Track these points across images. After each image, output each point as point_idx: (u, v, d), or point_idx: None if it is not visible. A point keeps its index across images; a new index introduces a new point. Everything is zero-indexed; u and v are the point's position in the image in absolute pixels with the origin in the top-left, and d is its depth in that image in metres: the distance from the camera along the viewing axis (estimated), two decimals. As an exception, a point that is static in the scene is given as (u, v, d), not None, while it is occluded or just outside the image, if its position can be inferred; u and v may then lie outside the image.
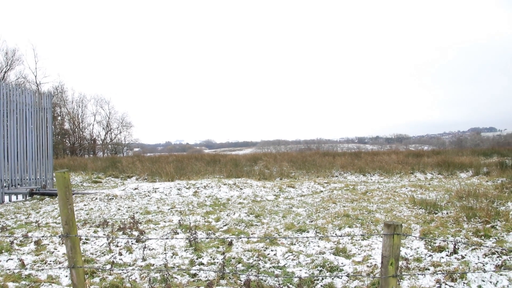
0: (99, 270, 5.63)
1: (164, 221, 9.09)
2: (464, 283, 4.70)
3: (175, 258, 6.24)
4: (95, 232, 8.05)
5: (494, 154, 27.72)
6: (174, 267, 5.78)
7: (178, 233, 7.84)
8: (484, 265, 5.30)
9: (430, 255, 5.88)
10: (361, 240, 6.90)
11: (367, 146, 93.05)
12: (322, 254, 6.18)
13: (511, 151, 30.61)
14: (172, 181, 16.21)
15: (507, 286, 4.52)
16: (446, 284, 4.71)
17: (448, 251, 5.91)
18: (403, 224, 7.91)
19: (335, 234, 7.33)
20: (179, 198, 12.37)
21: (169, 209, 10.61)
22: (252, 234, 7.78)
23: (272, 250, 6.42)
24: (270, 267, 5.66)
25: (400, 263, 5.49)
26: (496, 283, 4.63)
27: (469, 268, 5.19)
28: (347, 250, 6.30)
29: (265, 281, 5.01)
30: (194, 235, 6.94)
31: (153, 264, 5.95)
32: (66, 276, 5.42)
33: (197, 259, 6.10)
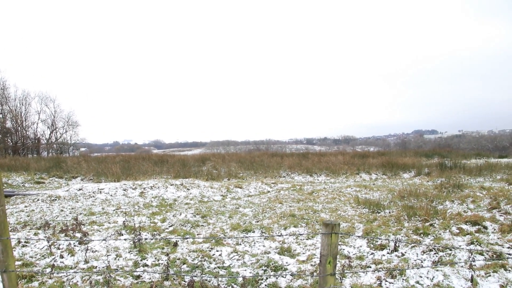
0: (38, 274, 5.74)
1: (109, 222, 9.42)
2: (403, 279, 5.51)
3: (118, 260, 6.50)
4: (35, 234, 8.15)
5: (435, 156, 31.04)
6: (117, 269, 6.02)
7: (122, 234, 8.16)
8: (422, 262, 6.22)
9: (372, 253, 6.70)
10: (306, 239, 7.64)
11: (315, 147, 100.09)
12: (267, 254, 6.79)
13: (450, 153, 34.43)
14: (118, 181, 16.73)
15: (442, 281, 5.45)
16: (386, 281, 5.50)
17: (389, 249, 6.78)
18: (347, 224, 8.95)
19: (281, 233, 8.00)
20: (125, 199, 12.92)
21: (114, 210, 11.01)
22: (198, 234, 8.29)
23: (217, 251, 6.93)
24: (215, 268, 6.12)
25: (343, 261, 6.29)
26: (433, 279, 5.50)
27: (408, 265, 6.08)
28: (292, 250, 6.98)
29: (209, 281, 5.42)
30: (139, 236, 7.31)
31: (96, 267, 6.14)
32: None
33: (141, 260, 6.45)
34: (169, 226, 8.99)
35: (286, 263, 6.31)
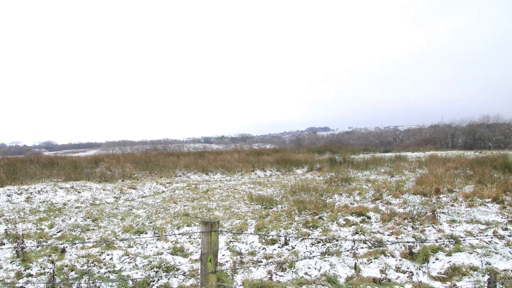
0: None
1: (-12, 232, 8.55)
2: (293, 271, 5.83)
3: (-1, 272, 5.96)
4: None
5: (327, 151, 33.09)
6: (-5, 283, 5.51)
7: (4, 244, 7.56)
8: (311, 253, 6.62)
9: (263, 248, 6.96)
10: (199, 238, 7.67)
11: (213, 145, 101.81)
12: (160, 254, 6.74)
13: (341, 148, 36.98)
14: (2, 187, 15.26)
15: (329, 270, 5.85)
16: (277, 274, 5.76)
17: (280, 243, 7.11)
18: (240, 220, 9.18)
19: (174, 233, 7.98)
20: (9, 205, 11.94)
21: (-5, 218, 9.98)
22: (88, 239, 7.95)
23: (108, 254, 6.71)
24: (105, 272, 5.93)
25: (235, 258, 6.48)
26: (320, 269, 5.89)
27: (297, 257, 6.48)
28: (185, 249, 7.00)
29: (99, 287, 5.26)
30: (22, 245, 6.76)
31: (-32, 282, 5.55)
32: None
33: (24, 270, 5.99)
34: (57, 232, 8.54)
35: (179, 263, 6.31)
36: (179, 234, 7.89)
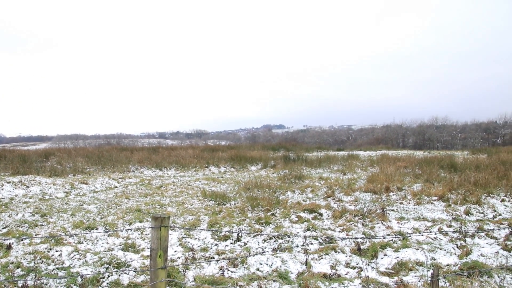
0: None
1: None
2: (244, 267, 5.86)
3: None
4: None
5: (282, 149, 33.47)
6: None
7: None
8: (263, 250, 6.68)
9: (216, 244, 6.97)
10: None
11: (167, 141, 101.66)
12: (111, 251, 6.59)
13: (295, 146, 37.51)
14: None
15: (280, 266, 5.93)
16: (228, 270, 5.79)
17: (232, 239, 7.15)
18: (193, 216, 9.13)
19: (125, 229, 7.86)
20: None
21: None
22: (36, 235, 7.66)
23: (57, 251, 6.48)
24: (53, 269, 5.73)
25: (187, 254, 6.45)
26: (272, 265, 5.97)
27: (249, 253, 6.54)
28: (136, 245, 6.89)
29: (46, 284, 5.07)
30: None
31: None
32: None
33: None
34: (3, 228, 8.21)
35: (130, 259, 6.21)
36: (130, 229, 7.75)
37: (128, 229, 7.87)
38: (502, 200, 10.43)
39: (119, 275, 5.49)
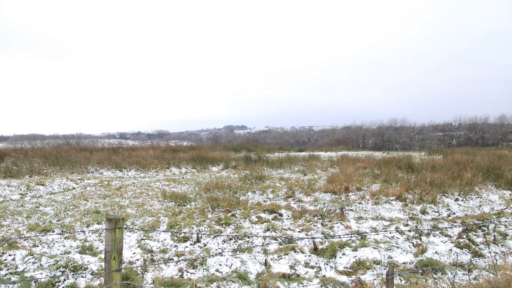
0: None
1: None
2: (204, 268, 5.83)
3: None
4: None
5: (243, 150, 33.55)
6: None
7: None
8: (223, 250, 6.71)
9: (175, 246, 6.90)
10: (107, 236, 7.52)
11: (128, 141, 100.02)
12: (68, 253, 6.41)
13: (257, 147, 37.67)
14: None
15: (240, 267, 5.94)
16: (188, 271, 5.74)
17: (192, 241, 7.09)
18: (152, 218, 8.99)
19: (82, 231, 7.62)
20: None
21: None
22: None
23: (10, 255, 6.23)
24: (6, 274, 5.51)
25: (145, 256, 6.35)
26: (231, 265, 5.96)
27: (209, 255, 6.52)
28: (94, 247, 6.72)
29: None
30: None
31: None
32: None
33: None
34: None
35: (88, 262, 6.05)
36: (88, 231, 7.55)
37: (86, 231, 7.69)
38: (456, 199, 10.84)
39: (76, 279, 5.35)
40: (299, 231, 7.81)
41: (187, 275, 5.59)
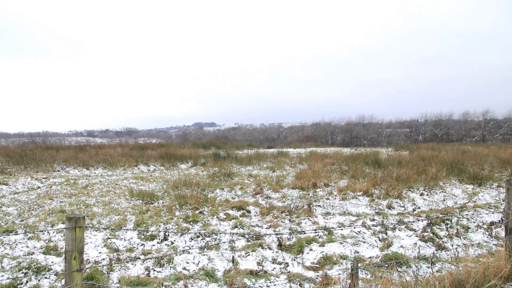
0: None
1: None
2: (171, 267, 5.77)
3: None
4: None
5: (212, 147, 33.43)
6: None
7: None
8: (190, 248, 6.64)
9: (142, 244, 6.80)
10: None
11: (96, 139, 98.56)
12: (31, 254, 6.23)
13: (226, 144, 37.61)
14: None
15: (207, 264, 5.90)
16: (154, 270, 5.66)
17: (159, 239, 7.00)
18: (119, 216, 8.83)
19: (47, 231, 7.44)
20: None
21: None
22: None
23: None
24: None
25: (111, 255, 6.22)
26: (198, 263, 5.92)
27: (176, 253, 6.46)
28: (59, 248, 6.55)
29: None
30: None
31: None
32: None
33: None
34: None
35: (52, 262, 5.90)
36: (48, 231, 7.35)
37: (51, 231, 7.49)
38: (421, 194, 11.11)
39: (39, 280, 5.23)
40: (266, 228, 7.83)
41: (154, 273, 5.53)
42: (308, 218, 8.40)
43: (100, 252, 6.44)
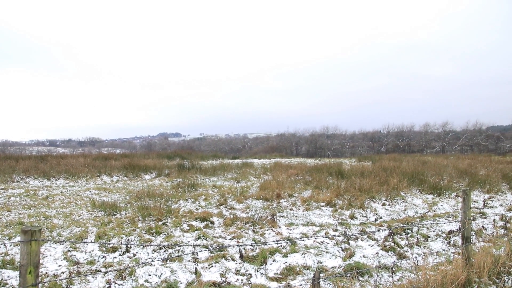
0: None
1: None
2: (132, 279, 5.66)
3: None
4: None
5: (177, 157, 33.14)
6: None
7: None
8: (152, 260, 6.54)
9: (103, 257, 6.63)
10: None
11: (58, 149, 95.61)
12: (-14, 269, 5.94)
13: (191, 154, 37.38)
14: None
15: (170, 277, 5.82)
16: (116, 283, 5.53)
17: (121, 251, 6.85)
18: (80, 228, 8.60)
19: (4, 244, 7.16)
20: None
21: None
22: None
23: None
24: None
25: (71, 268, 6.05)
26: (161, 275, 5.82)
27: (138, 265, 6.34)
28: (16, 261, 6.29)
29: None
30: None
31: None
32: None
33: None
34: None
35: (8, 276, 5.69)
36: (4, 244, 7.07)
37: (7, 244, 7.21)
38: (383, 204, 11.37)
39: (-10, 296, 5.02)
40: (230, 239, 7.81)
41: (115, 286, 5.43)
42: (272, 229, 8.43)
43: (59, 265, 6.25)
